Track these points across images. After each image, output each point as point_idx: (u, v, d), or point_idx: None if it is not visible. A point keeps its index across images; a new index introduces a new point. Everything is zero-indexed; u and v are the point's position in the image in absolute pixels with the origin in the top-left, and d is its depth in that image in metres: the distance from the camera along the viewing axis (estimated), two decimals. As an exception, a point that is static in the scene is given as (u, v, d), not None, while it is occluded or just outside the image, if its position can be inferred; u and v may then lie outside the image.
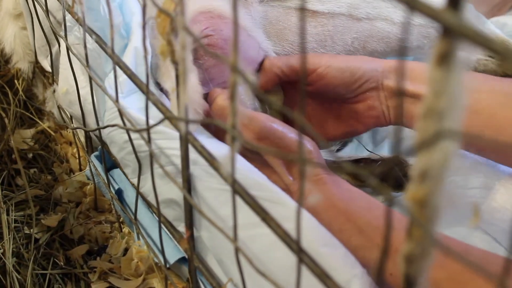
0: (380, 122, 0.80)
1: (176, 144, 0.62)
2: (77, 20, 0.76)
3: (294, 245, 0.45)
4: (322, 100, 0.82)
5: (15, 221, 0.93)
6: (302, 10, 0.34)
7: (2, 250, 0.88)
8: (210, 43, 0.78)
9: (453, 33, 0.29)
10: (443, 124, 0.30)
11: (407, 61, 0.80)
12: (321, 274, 0.43)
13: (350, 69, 0.77)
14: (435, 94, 0.30)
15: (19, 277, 0.84)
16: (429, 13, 0.29)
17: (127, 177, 0.80)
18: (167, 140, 0.69)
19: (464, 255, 0.29)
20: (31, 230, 0.91)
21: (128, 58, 0.80)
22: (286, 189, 0.66)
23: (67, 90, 0.88)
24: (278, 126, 0.70)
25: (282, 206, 0.59)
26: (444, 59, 0.29)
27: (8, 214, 0.93)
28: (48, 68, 1.03)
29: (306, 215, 0.60)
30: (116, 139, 0.77)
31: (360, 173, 0.33)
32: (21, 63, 1.10)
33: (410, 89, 0.74)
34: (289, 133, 0.69)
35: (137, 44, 0.81)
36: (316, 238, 0.58)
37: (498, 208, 0.71)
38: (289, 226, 0.46)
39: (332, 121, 0.83)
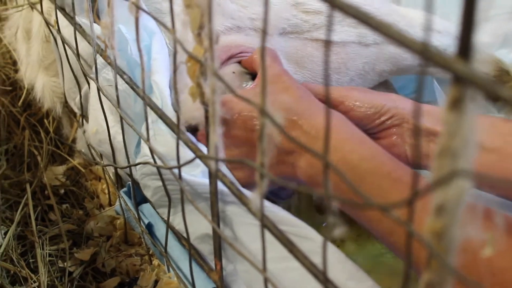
0: (401, 160, 0.82)
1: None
2: (109, 63, 0.80)
3: (321, 275, 0.48)
4: None
5: (49, 255, 0.96)
6: (327, 43, 0.38)
7: (37, 283, 0.91)
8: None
9: (464, 81, 0.31)
10: (457, 163, 0.33)
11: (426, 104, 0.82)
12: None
13: (375, 105, 0.80)
14: (449, 135, 0.33)
15: (54, 310, 0.87)
16: (442, 62, 0.32)
17: (157, 213, 0.83)
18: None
19: None
20: (65, 263, 0.94)
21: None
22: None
23: (97, 130, 0.92)
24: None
25: (310, 240, 0.62)
26: (457, 103, 0.32)
27: (42, 249, 0.96)
28: (76, 110, 1.07)
29: (333, 249, 0.62)
30: (149, 184, 0.81)
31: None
32: (51, 105, 1.14)
33: (435, 128, 0.76)
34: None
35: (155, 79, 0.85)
36: (343, 271, 0.61)
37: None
38: (317, 260, 0.48)
39: None
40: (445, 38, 0.94)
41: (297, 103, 0.73)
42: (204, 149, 0.70)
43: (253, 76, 0.86)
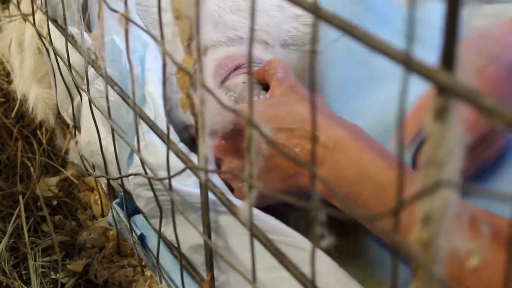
0: None
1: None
2: (100, 74, 0.80)
3: (310, 284, 0.48)
4: None
5: (42, 266, 0.96)
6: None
7: (29, 296, 0.91)
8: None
9: (447, 91, 0.32)
10: (442, 173, 0.33)
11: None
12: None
13: None
14: (434, 145, 0.33)
15: (46, 322, 0.87)
16: (425, 73, 0.33)
17: (150, 224, 0.83)
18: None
19: None
20: (58, 275, 0.94)
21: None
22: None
23: (89, 141, 0.92)
24: None
25: (302, 250, 0.62)
26: (441, 114, 0.32)
27: (35, 260, 0.96)
28: (69, 121, 1.07)
29: (325, 259, 0.62)
30: (141, 194, 0.81)
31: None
32: (44, 117, 1.14)
33: None
34: None
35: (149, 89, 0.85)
36: (335, 281, 0.61)
37: None
38: (308, 270, 0.48)
39: None
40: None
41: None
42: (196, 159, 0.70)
43: (264, 87, 0.86)
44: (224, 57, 0.89)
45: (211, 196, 0.62)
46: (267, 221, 0.66)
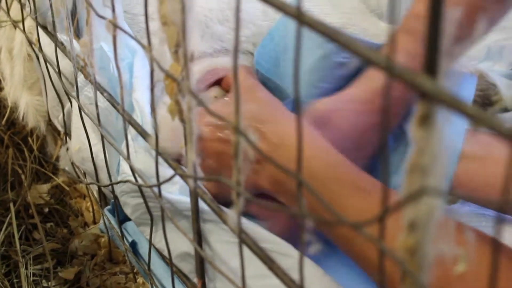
0: None
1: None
2: (90, 81, 0.80)
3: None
4: None
5: (34, 274, 0.96)
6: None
7: (21, 304, 0.90)
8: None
9: (431, 97, 0.32)
10: (427, 180, 0.33)
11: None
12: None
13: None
14: (418, 152, 0.33)
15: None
16: (408, 78, 0.32)
17: (140, 232, 0.83)
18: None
19: None
20: (49, 283, 0.94)
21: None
22: None
23: (80, 148, 0.91)
24: None
25: (290, 257, 0.62)
26: (425, 120, 0.32)
27: (26, 268, 0.96)
28: (60, 128, 1.06)
29: (311, 264, 0.62)
30: (128, 201, 0.80)
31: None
32: (35, 124, 1.14)
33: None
34: None
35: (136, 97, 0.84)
36: (320, 287, 0.61)
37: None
38: (296, 277, 0.48)
39: None
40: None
41: (261, 110, 0.74)
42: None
43: None
44: (207, 71, 0.88)
45: (200, 206, 0.62)
46: (254, 230, 0.66)
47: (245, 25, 0.91)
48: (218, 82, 0.88)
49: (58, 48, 0.90)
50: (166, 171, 0.63)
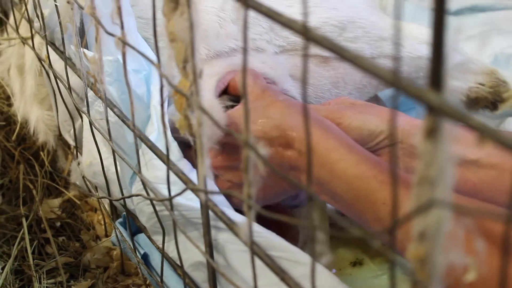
0: None
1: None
2: (100, 97, 0.81)
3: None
4: None
5: (47, 288, 0.96)
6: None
7: (35, 319, 0.91)
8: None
9: (437, 111, 0.32)
10: (435, 192, 0.33)
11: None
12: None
13: (368, 126, 0.81)
14: (426, 164, 0.34)
15: None
16: (415, 93, 0.33)
17: (152, 242, 0.84)
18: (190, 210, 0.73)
19: None
20: (63, 297, 0.94)
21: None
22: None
23: (91, 162, 0.92)
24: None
25: (302, 265, 0.63)
26: (432, 133, 0.33)
27: (40, 282, 0.96)
28: (71, 142, 1.07)
29: (325, 273, 0.63)
30: (144, 209, 0.81)
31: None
32: (45, 139, 1.15)
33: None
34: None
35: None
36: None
37: None
38: (309, 285, 0.49)
39: None
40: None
41: (285, 116, 0.76)
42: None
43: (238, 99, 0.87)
44: (227, 72, 0.89)
45: (211, 213, 0.63)
46: (267, 237, 0.67)
47: (256, 22, 0.92)
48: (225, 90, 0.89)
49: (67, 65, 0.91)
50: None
